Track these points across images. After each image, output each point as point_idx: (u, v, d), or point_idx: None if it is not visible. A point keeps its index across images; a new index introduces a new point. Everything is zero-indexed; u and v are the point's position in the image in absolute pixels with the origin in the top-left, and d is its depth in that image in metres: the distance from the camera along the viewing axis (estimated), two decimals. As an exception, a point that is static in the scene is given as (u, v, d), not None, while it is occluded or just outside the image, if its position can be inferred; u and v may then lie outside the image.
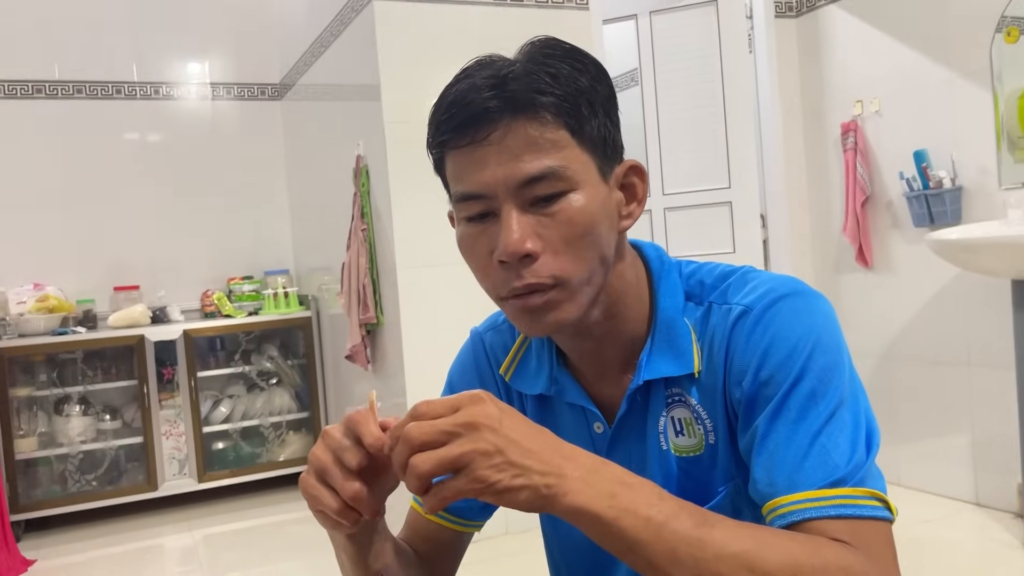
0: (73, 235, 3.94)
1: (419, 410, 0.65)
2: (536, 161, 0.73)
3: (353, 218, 3.16)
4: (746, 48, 3.44)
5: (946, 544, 2.67)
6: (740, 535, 0.65)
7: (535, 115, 0.73)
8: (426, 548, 0.96)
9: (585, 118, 0.75)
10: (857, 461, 0.71)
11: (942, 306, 2.98)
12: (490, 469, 0.63)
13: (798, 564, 0.63)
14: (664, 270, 0.85)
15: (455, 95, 0.75)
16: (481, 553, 2.78)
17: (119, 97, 4.04)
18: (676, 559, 0.63)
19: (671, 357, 0.81)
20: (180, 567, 3.13)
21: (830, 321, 0.78)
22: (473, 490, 0.63)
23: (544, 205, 0.74)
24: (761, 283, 0.80)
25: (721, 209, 3.45)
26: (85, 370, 3.76)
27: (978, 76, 2.79)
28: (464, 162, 0.75)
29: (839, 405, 0.73)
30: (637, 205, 0.81)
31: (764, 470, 0.72)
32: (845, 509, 0.68)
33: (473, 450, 0.63)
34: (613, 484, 0.65)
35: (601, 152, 0.77)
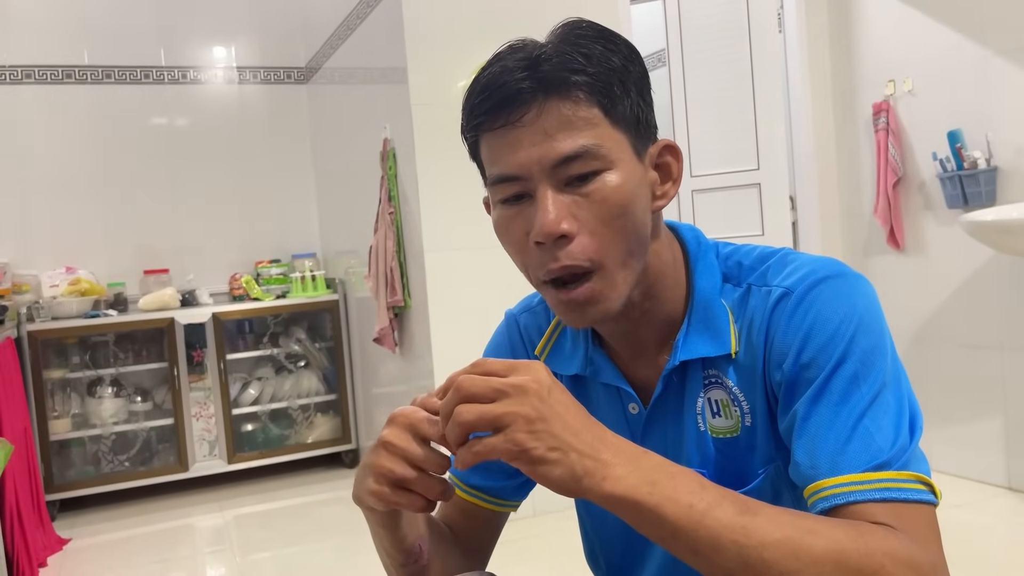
0: (104, 219, 3.98)
1: (478, 364, 0.67)
2: (570, 140, 0.73)
3: (380, 201, 3.16)
4: (776, 27, 3.39)
5: (978, 529, 2.64)
6: (783, 522, 0.64)
7: (568, 94, 0.73)
8: (462, 526, 0.96)
9: (618, 97, 0.74)
10: (901, 444, 0.70)
11: (975, 289, 2.94)
12: (528, 434, 0.63)
13: (843, 550, 0.62)
14: (701, 251, 0.84)
15: (488, 78, 0.75)
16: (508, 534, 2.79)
17: (147, 82, 4.07)
18: (719, 547, 0.63)
19: (708, 337, 0.81)
20: (211, 547, 3.18)
21: (872, 303, 0.77)
22: (508, 451, 0.63)
23: (579, 185, 0.74)
24: (801, 265, 0.79)
25: (750, 191, 3.42)
26: (117, 352, 3.81)
27: (1015, 55, 2.73)
28: (499, 144, 0.75)
29: (882, 388, 0.72)
30: (672, 184, 0.81)
31: (806, 453, 0.71)
32: (889, 492, 0.67)
33: (516, 412, 0.63)
34: (654, 472, 0.65)
35: (635, 131, 0.77)
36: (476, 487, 0.96)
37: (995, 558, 2.43)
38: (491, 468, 0.96)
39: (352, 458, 4.03)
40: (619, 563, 0.93)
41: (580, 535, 1.00)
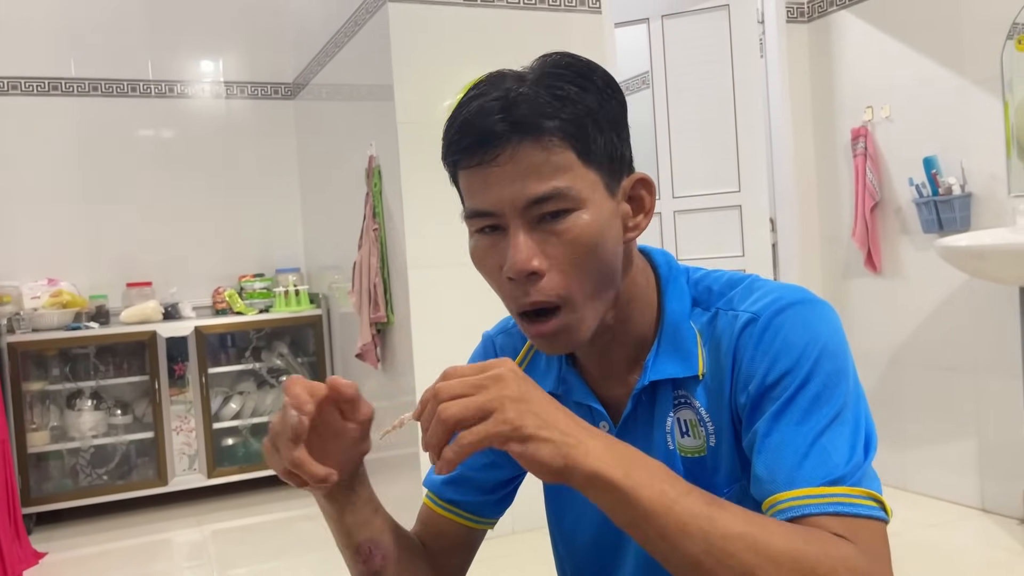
0: (87, 231, 3.98)
1: (447, 371, 0.69)
2: (542, 183, 0.75)
3: (365, 217, 3.18)
4: (757, 53, 3.45)
5: (951, 549, 2.68)
6: (748, 518, 0.67)
7: (540, 138, 0.75)
8: (437, 544, 0.98)
9: (591, 138, 0.77)
10: (856, 462, 0.72)
11: (950, 312, 2.99)
12: (517, 413, 0.66)
13: (801, 551, 0.65)
14: (672, 275, 0.87)
15: (465, 116, 0.77)
16: (487, 552, 2.80)
17: (134, 95, 4.08)
18: (687, 532, 0.65)
19: (677, 359, 0.84)
20: (189, 561, 3.16)
21: (836, 329, 0.79)
22: (499, 433, 0.65)
23: (550, 222, 0.76)
24: (769, 291, 0.82)
25: (731, 213, 3.47)
26: (97, 365, 3.80)
27: (989, 83, 2.80)
28: (474, 181, 0.78)
29: (842, 409, 0.74)
30: (644, 216, 0.83)
31: (766, 467, 0.74)
32: (843, 507, 0.70)
33: (502, 395, 0.66)
34: (629, 456, 0.68)
35: (608, 168, 0.79)
36: (451, 502, 0.98)
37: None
38: (467, 483, 0.98)
39: (333, 473, 4.01)
40: None
41: (554, 557, 1.02)
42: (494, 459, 0.98)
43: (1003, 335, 2.78)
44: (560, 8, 3.11)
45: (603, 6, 3.17)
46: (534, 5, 3.07)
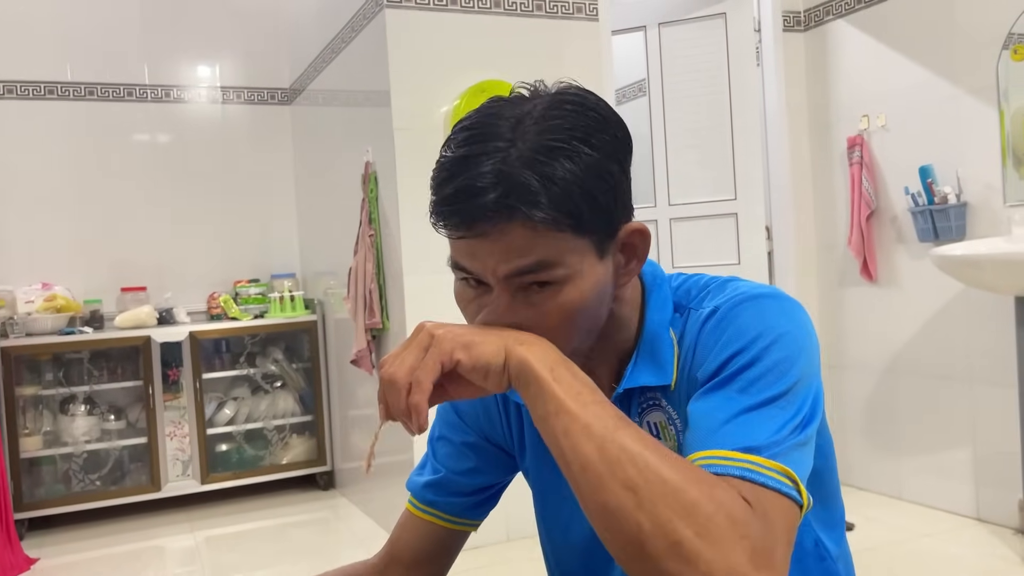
0: (82, 236, 3.97)
1: (380, 362, 0.77)
2: (527, 257, 0.74)
3: (361, 223, 3.18)
4: (754, 61, 3.45)
5: (947, 559, 2.67)
6: (651, 443, 0.67)
7: (529, 219, 0.72)
8: (418, 547, 0.98)
9: (584, 211, 0.74)
10: (778, 439, 0.70)
11: (945, 321, 2.99)
12: (446, 332, 0.74)
13: (686, 485, 0.63)
14: (656, 284, 0.88)
15: (453, 189, 0.74)
16: (482, 559, 2.79)
17: (130, 99, 4.07)
18: (589, 433, 0.67)
19: (652, 369, 0.84)
20: (182, 568, 3.15)
21: (799, 326, 0.78)
22: (443, 352, 0.72)
23: (536, 291, 0.76)
24: (737, 288, 0.82)
25: (727, 220, 3.47)
26: (91, 370, 3.78)
27: (984, 93, 2.80)
28: (460, 246, 0.77)
29: (781, 396, 0.73)
30: (637, 263, 0.82)
31: (691, 429, 0.74)
32: (750, 473, 0.67)
33: (427, 333, 0.74)
34: (561, 361, 0.73)
35: (603, 231, 0.77)
36: (432, 504, 0.98)
37: (962, 588, 2.46)
38: (448, 486, 0.98)
39: (327, 480, 4.00)
40: None
41: (545, 564, 1.01)
42: (476, 465, 0.99)
43: (998, 344, 2.78)
44: (558, 15, 3.11)
45: (600, 14, 3.17)
46: (531, 12, 3.08)
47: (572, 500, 0.91)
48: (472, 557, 2.77)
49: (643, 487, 0.64)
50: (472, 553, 2.80)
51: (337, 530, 3.45)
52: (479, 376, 0.72)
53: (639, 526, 0.63)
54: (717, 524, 0.62)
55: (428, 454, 1.02)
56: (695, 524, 0.62)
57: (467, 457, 0.99)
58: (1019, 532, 2.73)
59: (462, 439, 0.99)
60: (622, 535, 0.64)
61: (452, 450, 1.00)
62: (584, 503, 0.67)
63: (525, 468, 0.99)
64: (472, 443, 0.99)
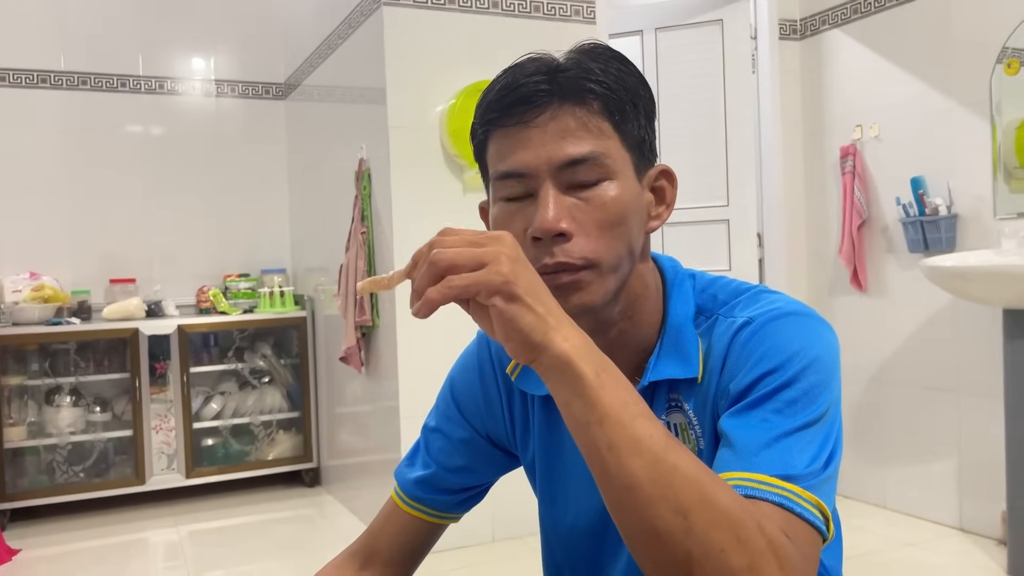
0: (71, 226, 3.94)
1: (445, 230, 0.66)
2: (580, 145, 0.76)
3: (353, 220, 3.17)
4: (749, 68, 3.47)
5: (929, 568, 2.69)
6: (703, 466, 0.65)
7: (583, 103, 0.76)
8: (400, 542, 0.98)
9: (628, 116, 0.78)
10: (814, 470, 0.71)
11: (933, 332, 3.00)
12: (512, 269, 0.63)
13: (741, 516, 0.62)
14: (677, 279, 0.88)
15: (507, 79, 0.79)
16: (467, 559, 2.79)
17: (123, 90, 4.05)
18: (637, 450, 0.62)
19: (678, 361, 0.83)
20: (165, 562, 3.13)
21: (831, 349, 0.79)
22: (490, 283, 0.63)
23: (581, 189, 0.77)
24: (772, 301, 0.82)
25: (719, 227, 3.48)
26: (78, 361, 3.76)
27: (977, 106, 2.82)
28: (509, 142, 0.78)
29: (815, 423, 0.73)
30: (666, 208, 0.85)
31: (727, 447, 0.73)
32: (790, 503, 0.68)
33: (499, 251, 0.64)
34: (605, 361, 0.66)
35: (638, 152, 0.80)
36: (419, 499, 0.98)
37: (944, 598, 2.47)
38: (437, 483, 0.98)
39: (312, 477, 3.99)
40: None
41: (543, 557, 1.01)
42: (468, 463, 0.99)
43: (985, 356, 2.79)
44: (555, 17, 3.11)
45: (597, 17, 3.18)
46: (529, 13, 3.08)
47: (582, 492, 0.90)
48: (457, 557, 2.76)
49: (697, 513, 0.61)
50: (457, 553, 2.80)
51: (322, 527, 3.44)
52: (502, 331, 0.65)
53: (688, 554, 0.61)
54: (768, 561, 0.61)
55: (420, 445, 1.02)
56: (747, 557, 0.61)
57: (461, 454, 0.98)
58: (1001, 543, 2.74)
59: (459, 435, 0.99)
60: (667, 561, 0.62)
61: (446, 445, 0.99)
62: (625, 523, 0.64)
63: (528, 462, 0.98)
64: (468, 439, 0.98)
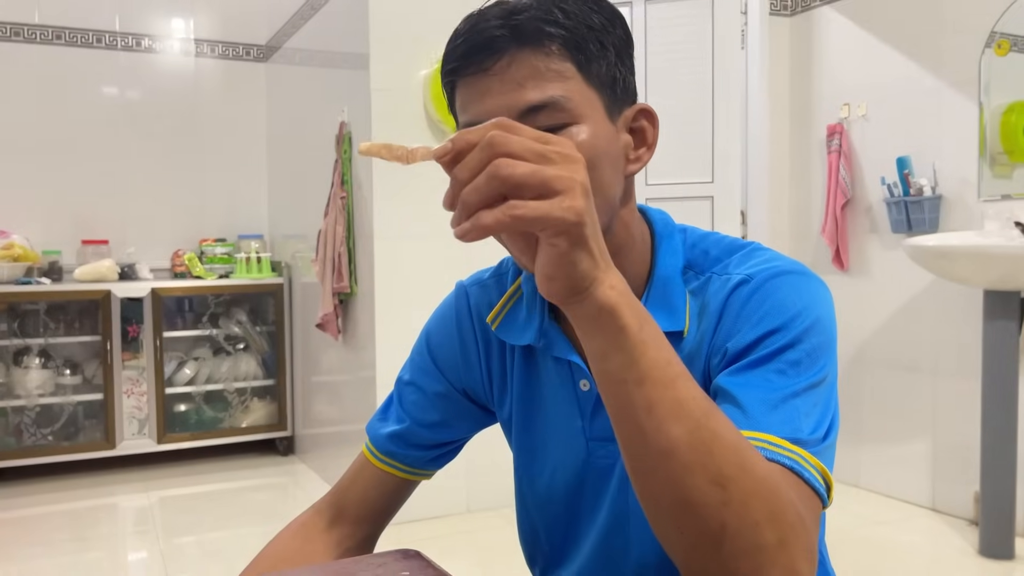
0: (43, 184, 3.85)
1: (503, 121, 0.56)
2: (538, 90, 0.72)
3: (332, 185, 3.11)
4: (739, 44, 3.42)
5: (900, 547, 2.71)
6: (740, 433, 0.61)
7: (541, 46, 0.73)
8: (369, 498, 0.95)
9: (593, 55, 0.74)
10: (818, 436, 0.69)
11: (914, 313, 3.01)
12: (587, 207, 0.56)
13: (779, 487, 0.60)
14: (667, 232, 0.85)
15: (466, 25, 0.76)
16: (442, 529, 2.77)
17: (99, 47, 3.95)
18: (679, 414, 0.58)
19: (664, 313, 0.80)
20: (134, 527, 3.09)
21: (830, 309, 0.77)
22: (560, 220, 0.54)
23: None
24: (769, 259, 0.79)
25: (703, 203, 3.45)
26: (47, 322, 3.68)
27: (966, 87, 2.80)
28: (470, 91, 0.75)
29: (819, 384, 0.71)
30: (647, 150, 0.81)
31: (731, 404, 0.70)
32: (798, 466, 0.65)
33: (573, 177, 0.55)
34: (646, 314, 0.60)
35: (610, 92, 0.76)
36: (391, 454, 0.95)
37: (915, 575, 2.49)
38: (411, 438, 0.95)
39: (287, 445, 3.95)
40: (560, 543, 0.92)
41: (517, 517, 0.98)
42: (443, 418, 0.96)
43: (965, 337, 2.80)
44: (543, -16, 3.05)
45: (587, -15, 3.12)
46: (517, -21, 3.02)
47: (560, 448, 0.88)
48: (432, 527, 2.75)
49: (736, 483, 0.58)
50: (432, 523, 2.78)
51: (295, 496, 3.41)
52: (551, 270, 0.57)
53: (722, 525, 0.58)
54: (796, 533, 0.59)
55: (393, 398, 0.98)
56: (779, 530, 0.58)
57: (436, 409, 0.95)
58: (973, 523, 2.76)
59: (434, 389, 0.95)
60: (699, 532, 0.58)
61: (421, 399, 0.96)
62: (654, 491, 0.60)
63: (505, 418, 0.95)
64: (444, 393, 0.95)
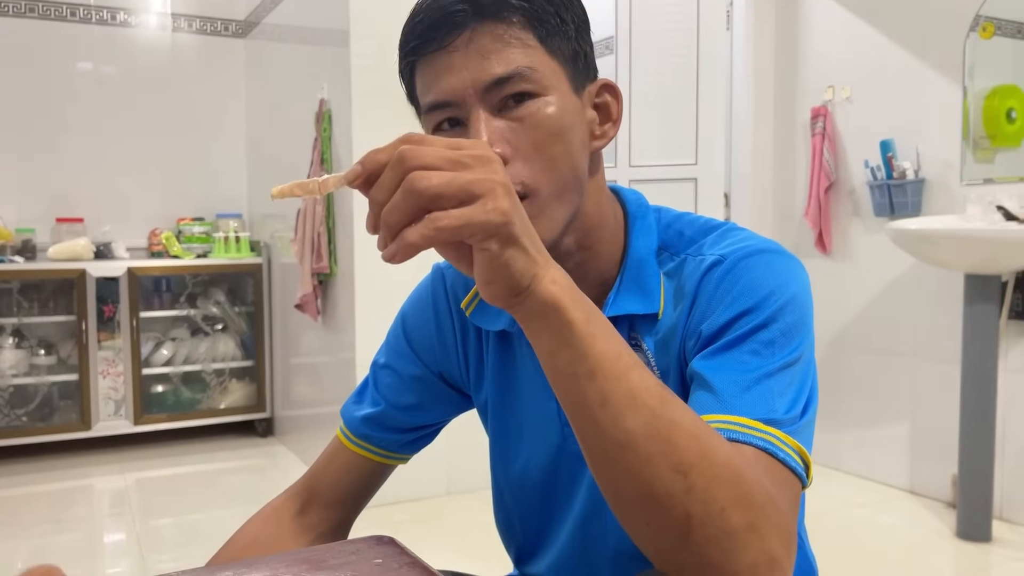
0: (16, 162, 3.77)
1: (411, 136, 0.55)
2: (503, 62, 0.71)
3: (312, 164, 3.07)
4: (724, 24, 3.40)
5: (879, 529, 2.72)
6: (695, 417, 0.60)
7: (502, 18, 0.71)
8: (343, 482, 0.93)
9: (554, 28, 0.73)
10: (793, 415, 0.68)
11: (895, 297, 3.01)
12: (512, 205, 0.54)
13: (742, 469, 0.58)
14: (640, 212, 0.83)
15: (423, 3, 0.73)
16: (421, 512, 2.76)
17: (73, 20, 3.86)
18: (634, 405, 0.57)
19: (638, 296, 0.79)
20: (110, 509, 3.06)
21: (805, 288, 0.76)
22: (487, 223, 0.52)
23: (513, 108, 0.71)
24: (743, 239, 0.78)
25: (686, 185, 3.43)
26: (21, 302, 3.62)
27: (950, 70, 2.80)
28: (432, 70, 0.73)
29: (794, 363, 0.70)
30: (611, 125, 0.80)
31: (703, 389, 0.68)
32: (772, 447, 0.64)
33: (492, 179, 0.53)
34: (591, 306, 0.59)
35: (573, 65, 0.75)
36: (365, 437, 0.93)
37: (893, 556, 2.51)
38: (386, 420, 0.93)
39: (265, 427, 3.92)
40: (535, 531, 0.91)
41: (493, 505, 0.96)
42: (419, 401, 0.93)
43: (945, 321, 2.81)
44: (527, -40, 3.01)
45: (571, -38, 3.08)
46: (501, -45, 2.97)
47: (535, 434, 0.87)
48: (412, 509, 2.73)
49: (697, 470, 0.56)
50: (412, 505, 2.76)
51: (273, 478, 3.39)
52: (487, 275, 0.56)
53: (688, 514, 0.56)
54: (766, 515, 0.58)
55: (369, 381, 0.96)
56: (748, 514, 0.57)
57: (412, 392, 0.93)
58: (951, 506, 2.78)
59: (410, 372, 0.93)
60: (664, 523, 0.57)
61: (396, 382, 0.93)
62: (616, 485, 0.58)
63: (481, 403, 0.93)
64: (419, 376, 0.93)
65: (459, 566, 1.05)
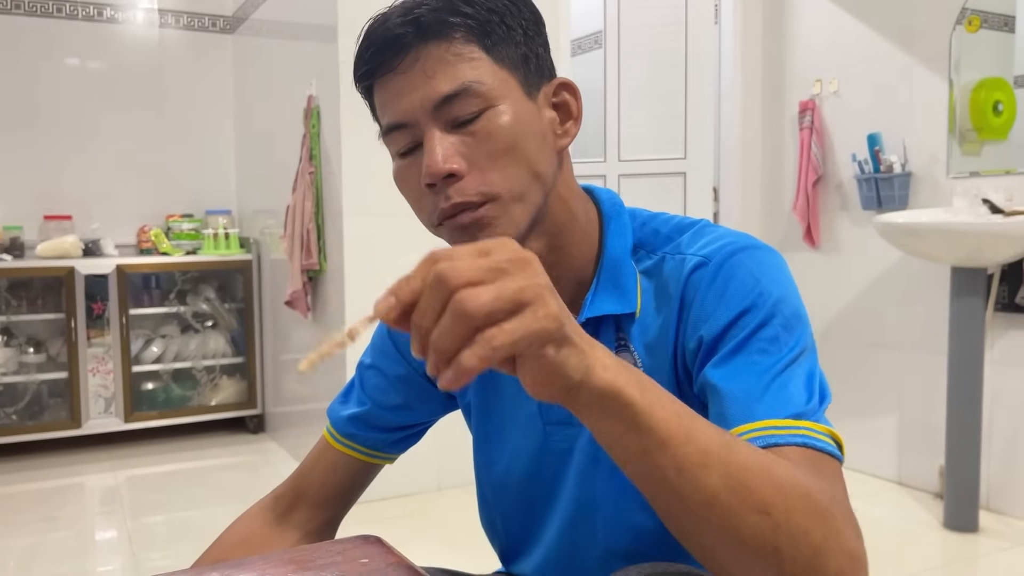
0: (3, 158, 3.75)
1: (439, 253, 0.51)
2: (448, 79, 0.72)
3: (301, 160, 3.06)
4: (712, 18, 3.40)
5: (867, 520, 2.73)
6: (758, 450, 0.60)
7: (445, 36, 0.72)
8: (331, 482, 0.93)
9: (500, 38, 0.74)
10: (814, 403, 0.69)
11: (882, 290, 3.03)
12: (560, 308, 0.51)
13: (802, 481, 0.59)
14: (614, 211, 0.84)
15: (368, 28, 0.75)
16: (412, 507, 2.76)
17: (60, 16, 3.84)
18: (707, 464, 0.55)
19: (616, 296, 0.79)
20: (101, 507, 3.05)
21: (789, 276, 0.78)
22: (542, 331, 0.50)
23: (467, 124, 0.73)
24: (720, 236, 0.78)
25: (675, 179, 3.44)
26: (9, 300, 3.61)
27: (936, 64, 2.81)
28: (385, 93, 0.75)
29: (800, 354, 0.72)
30: (573, 123, 0.80)
31: (720, 403, 0.69)
32: (808, 440, 0.65)
33: (536, 283, 0.50)
34: (638, 374, 0.56)
35: (523, 70, 0.76)
36: (352, 437, 0.93)
37: (881, 547, 2.52)
38: (373, 420, 0.93)
39: (256, 423, 3.92)
40: (519, 532, 0.91)
41: (478, 505, 0.97)
42: (405, 401, 0.94)
43: (932, 314, 2.83)
44: (515, -45, 3.01)
45: (560, -43, 3.08)
46: (489, -50, 2.97)
47: (517, 435, 0.87)
48: (403, 504, 2.74)
49: (777, 506, 0.56)
50: (403, 500, 2.77)
51: (265, 475, 3.39)
52: (542, 379, 0.52)
53: (777, 549, 0.56)
54: (835, 517, 0.59)
55: (355, 382, 0.97)
56: (824, 525, 0.58)
57: (398, 392, 0.94)
58: (938, 497, 2.81)
59: (395, 372, 0.94)
60: (758, 562, 0.56)
61: (382, 382, 0.94)
62: (705, 540, 0.57)
63: (465, 404, 0.94)
64: (406, 376, 0.93)
65: (449, 562, 1.06)
